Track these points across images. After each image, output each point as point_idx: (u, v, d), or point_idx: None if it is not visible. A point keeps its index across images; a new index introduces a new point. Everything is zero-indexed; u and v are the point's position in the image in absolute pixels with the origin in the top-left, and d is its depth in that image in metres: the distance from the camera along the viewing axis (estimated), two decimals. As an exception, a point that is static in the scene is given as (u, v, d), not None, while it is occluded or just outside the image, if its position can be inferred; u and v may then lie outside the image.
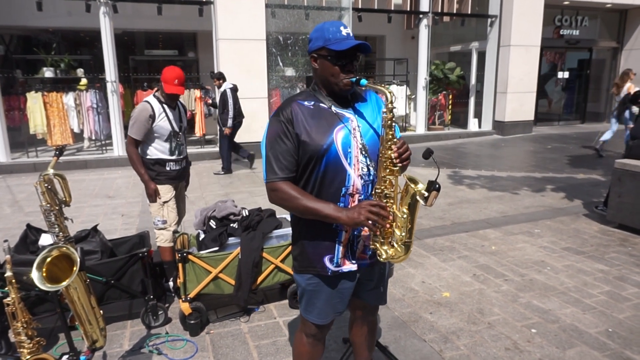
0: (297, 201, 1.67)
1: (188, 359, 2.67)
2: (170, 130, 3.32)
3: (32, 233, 3.19)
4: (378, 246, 1.69)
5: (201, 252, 3.01)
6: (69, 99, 8.71)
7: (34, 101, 8.41)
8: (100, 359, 2.66)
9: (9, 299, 2.03)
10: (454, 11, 11.30)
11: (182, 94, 3.37)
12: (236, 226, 3.18)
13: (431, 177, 1.59)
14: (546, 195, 6.17)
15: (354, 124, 1.73)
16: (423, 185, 1.59)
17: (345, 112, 1.75)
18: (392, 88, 11.26)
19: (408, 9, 11.10)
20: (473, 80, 12.19)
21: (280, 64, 9.57)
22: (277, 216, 3.33)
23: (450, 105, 12.14)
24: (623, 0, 12.20)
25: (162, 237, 3.39)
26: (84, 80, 9.19)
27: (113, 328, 2.98)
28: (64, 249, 2.09)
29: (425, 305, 3.26)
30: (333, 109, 1.74)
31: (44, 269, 2.02)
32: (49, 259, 2.04)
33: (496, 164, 8.29)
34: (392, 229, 1.65)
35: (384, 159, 1.64)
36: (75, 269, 2.07)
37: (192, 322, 2.90)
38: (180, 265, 2.90)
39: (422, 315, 3.12)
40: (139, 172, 3.31)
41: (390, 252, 1.67)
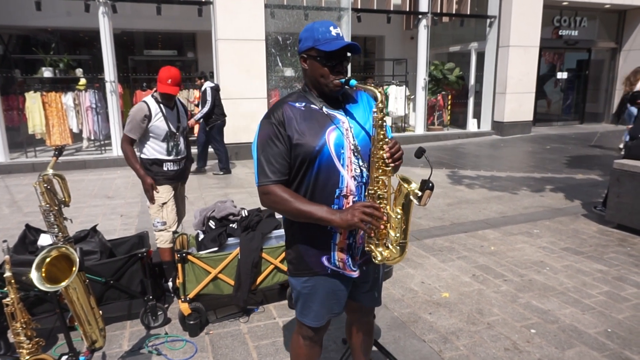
0: (290, 204, 1.65)
1: (187, 359, 2.68)
2: (166, 130, 3.30)
3: (31, 233, 3.19)
4: (373, 248, 1.67)
5: (200, 253, 3.01)
6: (68, 99, 8.70)
7: (33, 101, 8.40)
8: (99, 360, 2.66)
9: (8, 299, 2.03)
10: (453, 12, 11.31)
11: (175, 93, 3.33)
12: (235, 226, 3.18)
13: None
14: (545, 195, 6.18)
15: (346, 125, 1.72)
16: (416, 184, 1.57)
17: (337, 113, 1.74)
18: (391, 88, 11.27)
19: (407, 9, 11.11)
20: (472, 81, 12.20)
21: (280, 64, 9.57)
22: (276, 216, 3.33)
23: (449, 106, 12.15)
24: (622, 0, 12.22)
25: (162, 239, 3.39)
26: (83, 80, 9.18)
27: (112, 328, 2.98)
28: (63, 249, 2.09)
29: (424, 305, 3.26)
30: (324, 110, 1.72)
31: (43, 269, 2.02)
32: (48, 259, 2.04)
33: (495, 165, 8.30)
34: (387, 230, 1.64)
35: (376, 159, 1.62)
36: (74, 269, 2.07)
37: (192, 323, 2.90)
38: (179, 265, 2.90)
39: (422, 315, 3.12)
40: (134, 168, 3.30)
41: (386, 254, 1.65)
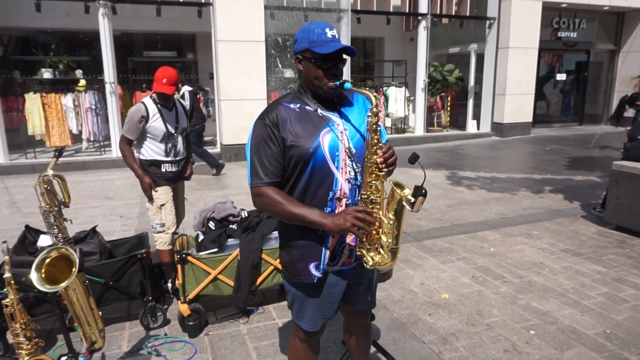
0: (282, 207, 1.64)
1: (187, 361, 2.67)
2: (164, 131, 3.29)
3: (31, 234, 3.19)
4: (365, 252, 1.66)
5: (200, 254, 3.01)
6: (67, 100, 8.70)
7: (33, 102, 8.40)
8: (98, 361, 2.66)
9: (7, 300, 2.03)
10: (453, 13, 11.32)
11: (171, 93, 3.28)
12: (235, 227, 3.18)
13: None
14: (544, 196, 6.18)
15: (341, 127, 1.71)
16: (409, 190, 1.56)
17: (332, 115, 1.72)
18: (391, 90, 11.28)
19: (407, 10, 11.12)
20: (472, 82, 12.22)
21: (279, 65, 9.58)
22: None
23: (449, 107, 12.16)
24: (620, 2, 12.24)
25: (161, 240, 3.38)
26: (82, 82, 9.18)
27: (112, 329, 2.97)
28: (63, 250, 2.09)
29: (424, 306, 3.26)
30: (319, 112, 1.71)
31: (43, 270, 2.02)
32: (47, 260, 2.04)
33: (495, 166, 8.31)
34: (379, 235, 1.63)
35: (369, 164, 1.61)
36: (74, 270, 2.06)
37: (191, 324, 2.89)
38: (179, 266, 2.90)
39: (421, 316, 3.12)
40: (132, 168, 3.30)
41: (377, 259, 1.64)
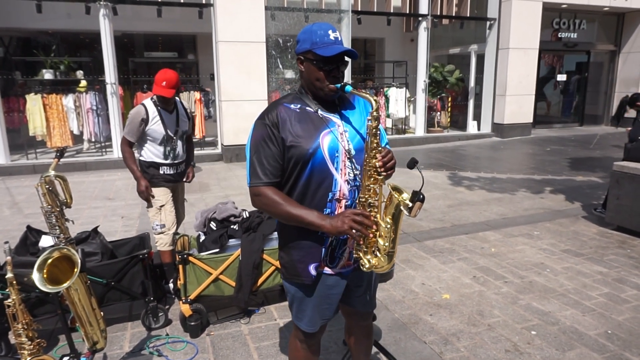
0: (280, 207, 1.65)
1: (188, 361, 2.68)
2: (163, 134, 3.28)
3: (32, 235, 3.19)
4: (362, 255, 1.67)
5: (201, 254, 3.02)
6: (68, 100, 8.71)
7: (34, 103, 8.41)
8: (100, 361, 2.66)
9: (9, 300, 2.03)
10: (453, 14, 11.33)
11: (169, 96, 3.22)
12: (237, 228, 3.18)
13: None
14: (545, 197, 6.19)
15: (341, 129, 1.71)
16: (408, 195, 1.57)
17: (332, 117, 1.73)
18: (392, 90, 11.29)
19: (407, 11, 11.13)
20: (472, 83, 12.22)
21: (280, 66, 9.58)
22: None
23: (449, 108, 12.16)
24: (620, 3, 12.24)
25: (162, 241, 3.39)
26: (83, 82, 9.20)
27: (113, 329, 2.98)
28: (65, 250, 2.09)
29: (425, 307, 3.26)
30: (319, 113, 1.71)
31: (45, 271, 2.02)
32: (49, 261, 2.04)
33: (495, 166, 8.31)
34: (376, 238, 1.64)
35: (368, 168, 1.61)
36: (76, 270, 2.07)
37: (193, 324, 2.90)
38: (180, 266, 2.90)
39: (422, 317, 3.12)
40: (131, 169, 3.30)
41: (374, 262, 1.65)
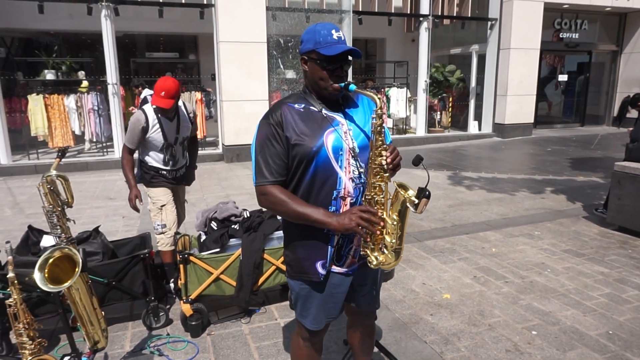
0: (287, 206, 1.66)
1: (189, 360, 2.68)
2: (163, 142, 3.28)
3: (34, 234, 3.20)
4: (369, 252, 1.67)
5: (202, 254, 3.02)
6: (70, 101, 8.73)
7: (35, 103, 8.43)
8: (101, 360, 2.67)
9: (10, 300, 2.03)
10: (454, 14, 11.32)
11: (168, 107, 3.12)
12: (237, 227, 3.19)
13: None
14: (546, 197, 6.18)
15: (345, 128, 1.72)
16: (413, 191, 1.57)
17: (336, 116, 1.74)
18: (393, 90, 11.28)
19: (408, 11, 11.13)
20: (473, 83, 12.21)
21: (281, 66, 9.59)
22: (278, 218, 3.34)
23: (450, 108, 12.16)
24: (622, 3, 12.23)
25: (162, 242, 3.39)
26: (85, 83, 9.21)
27: (114, 329, 2.98)
28: (66, 250, 2.10)
29: (425, 306, 3.26)
30: (323, 112, 1.73)
31: (46, 270, 2.02)
32: (51, 260, 2.05)
33: (496, 166, 8.30)
34: (383, 235, 1.64)
35: (374, 166, 1.63)
36: (77, 270, 2.07)
37: (193, 324, 2.90)
38: (181, 266, 2.91)
39: (423, 316, 3.12)
40: (126, 177, 3.29)
41: (381, 259, 1.66)
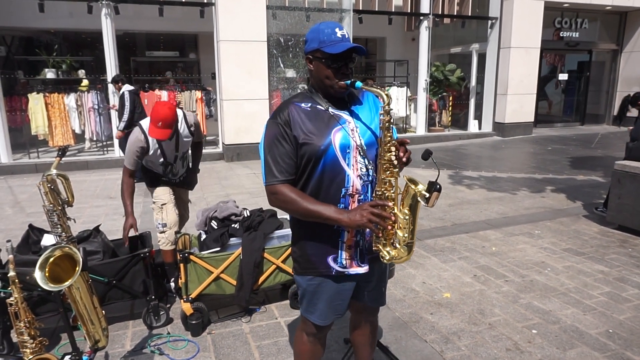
0: (298, 204, 1.67)
1: (189, 359, 2.68)
2: (162, 161, 3.29)
3: (34, 233, 3.20)
4: (381, 247, 1.69)
5: (203, 253, 3.02)
6: (70, 99, 8.74)
7: (36, 102, 8.43)
8: (102, 359, 2.67)
9: (11, 298, 2.04)
10: (455, 13, 11.31)
11: (166, 138, 3.03)
12: (237, 227, 3.19)
13: (431, 178, 1.61)
14: (546, 196, 6.18)
15: (352, 125, 1.74)
16: (423, 186, 1.59)
17: (342, 114, 1.75)
18: (393, 89, 11.28)
19: (408, 10, 11.11)
20: (473, 82, 12.20)
21: (281, 65, 9.58)
22: (279, 217, 3.34)
23: (450, 107, 12.15)
24: (623, 2, 12.21)
25: (163, 241, 3.39)
26: (85, 81, 9.21)
27: (115, 328, 2.99)
28: (67, 249, 2.10)
29: (426, 305, 3.27)
30: (330, 111, 1.74)
31: (47, 269, 2.03)
32: (51, 259, 2.05)
33: (496, 165, 8.30)
34: (394, 230, 1.66)
35: (383, 162, 1.64)
36: (77, 269, 2.08)
37: (194, 323, 2.91)
38: (182, 265, 2.91)
39: (423, 315, 3.13)
40: (124, 203, 3.15)
41: (393, 253, 1.67)
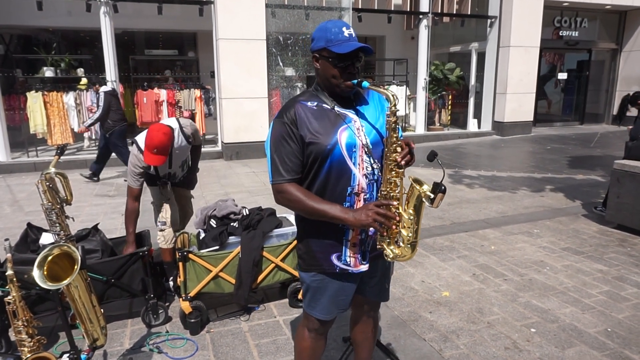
0: (304, 203, 1.69)
1: (188, 358, 2.68)
2: (161, 176, 3.36)
3: (33, 232, 3.19)
4: (385, 246, 1.72)
5: (201, 251, 3.02)
6: (69, 98, 8.72)
7: (34, 101, 8.42)
8: (100, 358, 2.66)
9: (9, 297, 2.04)
10: (454, 12, 11.31)
11: (161, 164, 3.06)
12: (236, 225, 3.19)
13: (431, 177, 1.61)
14: (545, 195, 6.18)
15: (357, 124, 1.75)
16: (428, 186, 1.61)
17: (348, 113, 1.76)
18: (392, 88, 11.27)
19: (408, 9, 11.11)
20: (472, 81, 12.20)
21: (281, 63, 9.57)
22: (277, 215, 3.34)
23: (450, 106, 12.15)
24: (622, 1, 12.21)
25: (162, 239, 3.39)
26: (84, 80, 9.20)
27: (113, 327, 2.99)
28: (65, 247, 2.10)
29: (424, 304, 3.27)
30: (336, 110, 1.75)
31: (45, 268, 2.03)
32: (50, 258, 2.05)
33: (496, 165, 8.30)
34: (399, 229, 1.68)
35: (389, 162, 1.66)
36: (76, 267, 2.07)
37: (193, 321, 2.90)
38: (180, 264, 2.91)
39: (422, 314, 3.13)
40: (127, 230, 3.14)
41: (397, 252, 1.70)
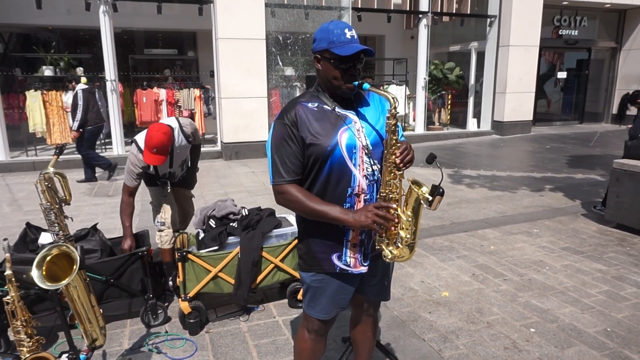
0: (304, 204, 1.70)
1: (187, 358, 2.68)
2: (160, 175, 3.33)
3: (32, 232, 3.19)
4: (384, 247, 1.73)
5: (201, 251, 3.02)
6: (68, 97, 8.69)
7: (34, 100, 8.41)
8: (99, 358, 2.66)
9: (8, 297, 2.04)
10: (454, 11, 11.30)
11: (161, 164, 3.05)
12: (236, 225, 3.18)
13: (430, 177, 1.61)
14: (545, 195, 6.18)
15: (358, 126, 1.75)
16: (427, 188, 1.62)
17: (349, 114, 1.77)
18: (392, 88, 11.26)
19: (407, 8, 11.10)
20: (472, 80, 12.20)
21: (280, 63, 9.56)
22: (277, 215, 3.34)
23: (449, 105, 12.15)
24: (622, 0, 12.21)
25: (162, 239, 3.38)
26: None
27: (113, 327, 2.98)
28: (64, 247, 2.10)
29: (424, 304, 3.27)
30: (337, 111, 1.76)
31: (44, 268, 2.03)
32: (48, 258, 2.05)
33: (495, 164, 8.30)
34: (397, 230, 1.69)
35: (388, 164, 1.68)
36: (75, 267, 2.07)
37: (192, 321, 2.90)
38: (180, 264, 2.91)
39: (421, 314, 3.13)
40: (123, 223, 3.12)
41: (396, 252, 1.72)
